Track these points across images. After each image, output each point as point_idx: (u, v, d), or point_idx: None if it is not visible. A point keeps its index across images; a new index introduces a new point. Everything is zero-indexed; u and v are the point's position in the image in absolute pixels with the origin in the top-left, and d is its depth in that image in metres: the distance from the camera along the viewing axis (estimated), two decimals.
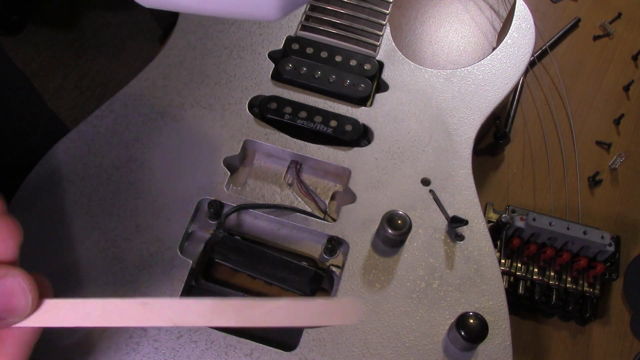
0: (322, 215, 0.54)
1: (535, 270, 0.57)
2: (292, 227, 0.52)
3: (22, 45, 1.60)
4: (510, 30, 0.62)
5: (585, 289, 0.56)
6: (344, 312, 0.29)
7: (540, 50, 0.71)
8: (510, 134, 0.66)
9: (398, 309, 0.48)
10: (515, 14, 0.63)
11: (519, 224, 0.56)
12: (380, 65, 0.60)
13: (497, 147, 0.65)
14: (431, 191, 0.53)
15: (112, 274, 0.48)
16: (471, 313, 0.46)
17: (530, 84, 0.70)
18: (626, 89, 0.70)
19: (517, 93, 0.68)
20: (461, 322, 0.46)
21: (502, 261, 0.56)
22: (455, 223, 0.51)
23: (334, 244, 0.51)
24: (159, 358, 0.45)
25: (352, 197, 0.53)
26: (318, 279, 0.50)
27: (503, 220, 0.56)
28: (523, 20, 0.62)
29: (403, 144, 0.55)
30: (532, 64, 0.70)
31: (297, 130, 0.56)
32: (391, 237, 0.49)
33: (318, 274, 0.50)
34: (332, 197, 0.55)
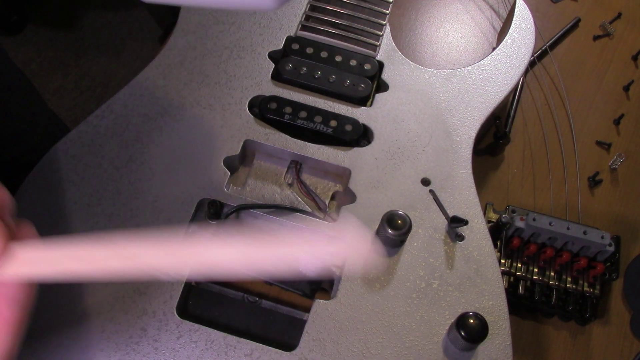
0: (322, 215, 0.54)
1: (535, 270, 0.57)
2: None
3: (22, 45, 1.60)
4: (510, 30, 0.62)
5: (585, 289, 0.56)
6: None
7: (540, 50, 0.71)
8: (510, 134, 0.66)
9: (398, 309, 0.48)
10: (515, 14, 0.63)
11: (519, 224, 0.56)
12: (380, 65, 0.60)
13: (497, 147, 0.65)
14: (431, 191, 0.53)
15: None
16: (471, 313, 0.46)
17: (530, 84, 0.70)
18: (626, 89, 0.70)
19: (517, 93, 0.68)
20: (461, 322, 0.46)
21: (502, 261, 0.56)
22: (455, 223, 0.51)
23: None
24: (159, 358, 0.45)
25: (352, 197, 0.53)
26: (318, 279, 0.50)
27: (503, 220, 0.56)
28: (523, 20, 0.62)
29: (403, 144, 0.55)
30: (532, 64, 0.70)
31: (297, 130, 0.56)
32: (391, 237, 0.49)
33: None
34: (332, 197, 0.55)
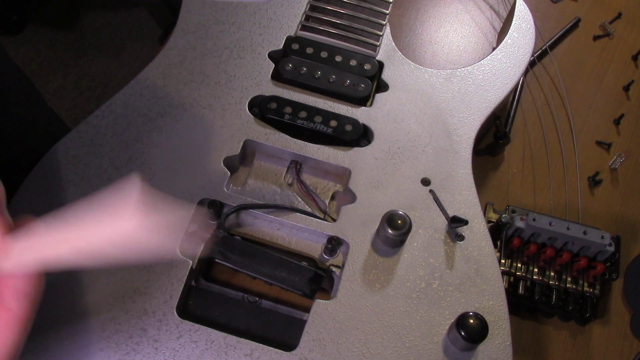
0: (322, 215, 0.54)
1: (535, 270, 0.57)
2: (292, 227, 0.52)
3: (22, 45, 1.60)
4: (510, 30, 0.62)
5: (585, 289, 0.56)
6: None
7: (540, 50, 0.71)
8: (510, 134, 0.66)
9: (398, 309, 0.48)
10: (515, 14, 0.63)
11: (519, 224, 0.56)
12: (380, 65, 0.60)
13: (497, 147, 0.65)
14: (431, 191, 0.53)
15: (112, 274, 0.48)
16: (471, 313, 0.46)
17: (530, 84, 0.70)
18: (626, 89, 0.70)
19: (517, 93, 0.68)
20: (461, 322, 0.46)
21: (502, 261, 0.56)
22: (455, 223, 0.51)
23: (334, 244, 0.51)
24: (159, 358, 0.45)
25: (352, 197, 0.53)
26: (318, 279, 0.50)
27: (503, 220, 0.56)
28: (523, 20, 0.62)
29: (403, 144, 0.55)
30: (532, 64, 0.70)
31: (297, 130, 0.56)
32: (391, 237, 0.49)
33: (318, 274, 0.50)
34: (332, 197, 0.55)
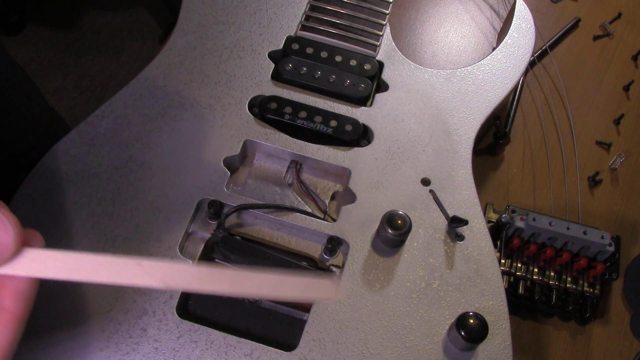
0: (322, 215, 0.54)
1: (535, 270, 0.57)
2: (292, 227, 0.52)
3: (22, 45, 1.60)
4: (510, 30, 0.62)
5: (585, 289, 0.56)
6: (324, 290, 0.32)
7: (540, 50, 0.71)
8: (510, 134, 0.66)
9: (398, 309, 0.48)
10: (515, 14, 0.63)
11: (519, 224, 0.56)
12: (380, 65, 0.60)
13: (497, 147, 0.65)
14: (431, 191, 0.53)
15: None
16: (471, 313, 0.46)
17: (530, 84, 0.70)
18: (626, 89, 0.70)
19: (517, 93, 0.68)
20: (461, 322, 0.46)
21: (502, 261, 0.56)
22: (455, 223, 0.51)
23: (334, 244, 0.51)
24: (159, 358, 0.45)
25: (352, 197, 0.53)
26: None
27: (503, 220, 0.56)
28: (523, 20, 0.62)
29: (403, 144, 0.55)
30: (532, 64, 0.70)
31: (297, 130, 0.56)
32: (391, 237, 0.49)
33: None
34: (332, 197, 0.55)
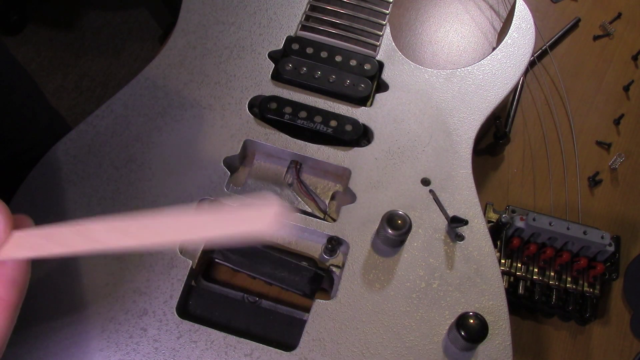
0: (322, 215, 0.54)
1: (535, 270, 0.57)
2: (292, 227, 0.52)
3: (22, 45, 1.60)
4: (510, 30, 0.62)
5: (585, 289, 0.56)
6: (263, 217, 0.28)
7: (540, 50, 0.71)
8: (510, 134, 0.66)
9: (398, 309, 0.48)
10: (515, 14, 0.63)
11: (519, 224, 0.56)
12: (380, 65, 0.60)
13: (497, 147, 0.65)
14: (431, 191, 0.53)
15: (112, 274, 0.48)
16: (471, 313, 0.46)
17: (530, 84, 0.70)
18: (626, 89, 0.70)
19: (517, 93, 0.68)
20: (461, 322, 0.46)
21: (502, 261, 0.56)
22: (455, 223, 0.51)
23: (334, 244, 0.51)
24: (159, 358, 0.45)
25: (352, 197, 0.53)
26: (318, 279, 0.50)
27: (503, 220, 0.56)
28: (523, 20, 0.62)
29: (403, 144, 0.55)
30: (532, 64, 0.70)
31: (297, 130, 0.56)
32: (391, 237, 0.49)
33: (318, 274, 0.50)
34: (332, 197, 0.55)
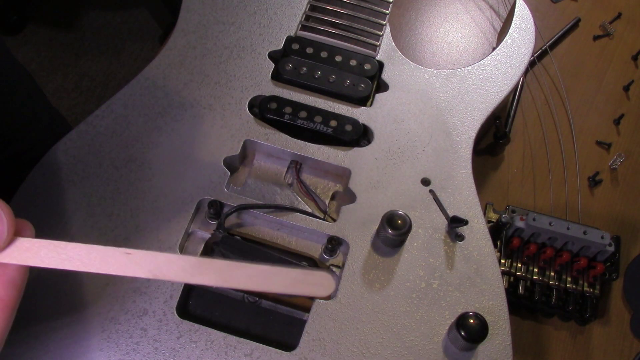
0: (322, 215, 0.54)
1: (535, 270, 0.57)
2: (292, 227, 0.52)
3: (22, 45, 1.60)
4: (510, 30, 0.62)
5: (585, 289, 0.56)
6: (318, 283, 0.30)
7: (540, 50, 0.71)
8: (510, 134, 0.66)
9: (398, 309, 0.48)
10: (515, 14, 0.63)
11: (519, 224, 0.56)
12: (380, 65, 0.60)
13: (497, 147, 0.65)
14: (431, 191, 0.53)
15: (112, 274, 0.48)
16: (471, 313, 0.46)
17: (530, 84, 0.70)
18: (626, 89, 0.70)
19: (517, 93, 0.68)
20: (461, 322, 0.46)
21: (502, 261, 0.56)
22: (455, 223, 0.51)
23: (334, 244, 0.51)
24: (159, 358, 0.45)
25: (352, 197, 0.53)
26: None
27: (503, 220, 0.56)
28: (523, 20, 0.62)
29: (403, 144, 0.55)
30: (532, 64, 0.70)
31: (297, 130, 0.56)
32: (391, 237, 0.49)
33: None
34: (332, 197, 0.55)
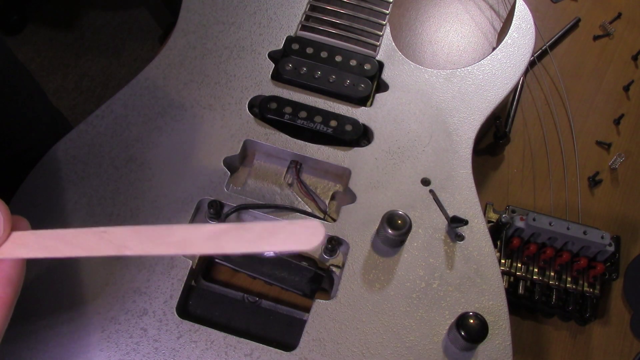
0: (322, 215, 0.54)
1: (535, 270, 0.57)
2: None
3: (22, 45, 1.60)
4: (510, 30, 0.62)
5: (585, 289, 0.56)
6: (306, 232, 0.28)
7: (540, 50, 0.71)
8: (510, 134, 0.66)
9: (398, 309, 0.48)
10: (515, 14, 0.63)
11: (519, 224, 0.56)
12: (380, 65, 0.60)
13: (497, 147, 0.65)
14: (431, 191, 0.53)
15: (112, 274, 0.48)
16: (471, 313, 0.46)
17: (530, 84, 0.70)
18: (626, 89, 0.70)
19: (517, 93, 0.68)
20: (461, 322, 0.46)
21: (502, 261, 0.56)
22: (455, 223, 0.51)
23: (334, 244, 0.51)
24: (159, 358, 0.45)
25: (352, 197, 0.53)
26: (318, 279, 0.50)
27: (503, 220, 0.56)
28: (523, 20, 0.62)
29: (403, 144, 0.55)
30: (532, 64, 0.70)
31: (297, 130, 0.56)
32: (391, 237, 0.49)
33: (318, 274, 0.50)
34: (332, 197, 0.55)
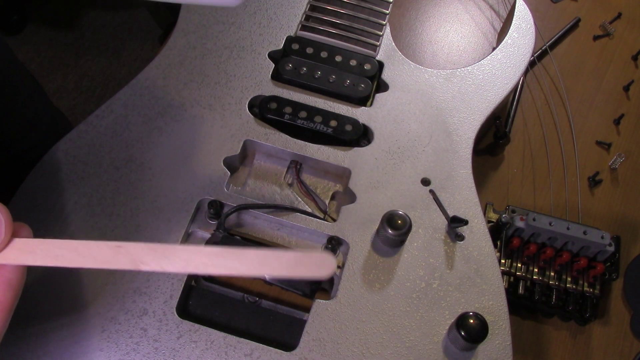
0: (322, 215, 0.54)
1: (535, 270, 0.57)
2: (292, 227, 0.52)
3: (22, 45, 1.60)
4: (510, 30, 0.62)
5: (585, 289, 0.56)
6: (315, 264, 0.30)
7: (540, 50, 0.71)
8: (510, 134, 0.66)
9: (398, 309, 0.48)
10: (515, 14, 0.63)
11: (519, 224, 0.56)
12: (380, 65, 0.60)
13: (497, 147, 0.65)
14: (431, 191, 0.53)
15: (112, 274, 0.48)
16: (471, 313, 0.46)
17: (530, 84, 0.70)
18: (626, 89, 0.70)
19: (517, 93, 0.68)
20: (461, 322, 0.46)
21: (502, 261, 0.56)
22: (455, 223, 0.51)
23: (334, 244, 0.51)
24: (159, 358, 0.45)
25: (352, 197, 0.53)
26: (318, 279, 0.50)
27: (503, 220, 0.56)
28: (523, 20, 0.62)
29: (403, 144, 0.55)
30: (532, 64, 0.70)
31: (297, 130, 0.56)
32: (391, 237, 0.49)
33: None
34: (332, 197, 0.55)
